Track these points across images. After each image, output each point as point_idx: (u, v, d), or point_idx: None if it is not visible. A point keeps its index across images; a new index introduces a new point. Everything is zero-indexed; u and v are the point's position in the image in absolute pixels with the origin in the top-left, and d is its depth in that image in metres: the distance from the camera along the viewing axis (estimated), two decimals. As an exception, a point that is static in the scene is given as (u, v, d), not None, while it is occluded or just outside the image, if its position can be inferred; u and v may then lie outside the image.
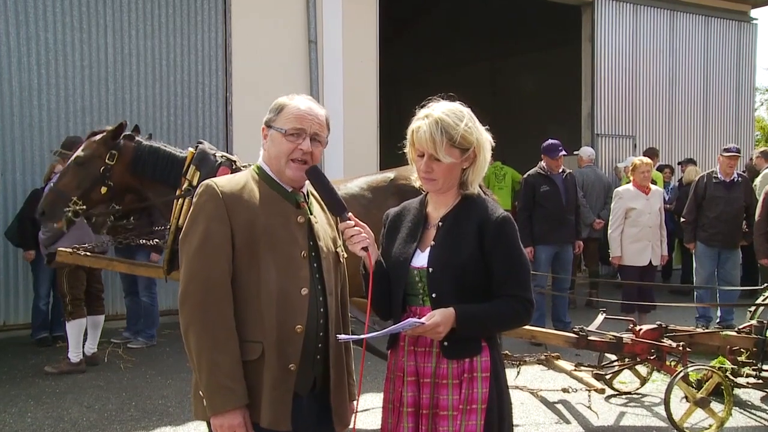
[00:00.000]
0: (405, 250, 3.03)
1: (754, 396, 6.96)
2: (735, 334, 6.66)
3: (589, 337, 6.37)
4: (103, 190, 6.10)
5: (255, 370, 2.82)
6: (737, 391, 6.62)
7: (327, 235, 3.08)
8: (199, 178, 5.54)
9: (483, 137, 2.99)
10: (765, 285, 8.24)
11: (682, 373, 5.93)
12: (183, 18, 10.54)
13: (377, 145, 11.99)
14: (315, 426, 3.02)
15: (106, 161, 6.07)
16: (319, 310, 2.96)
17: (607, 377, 6.92)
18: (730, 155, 9.62)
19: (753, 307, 7.23)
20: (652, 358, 6.34)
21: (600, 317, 6.96)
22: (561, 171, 9.63)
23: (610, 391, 6.97)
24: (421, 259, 2.99)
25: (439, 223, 3.02)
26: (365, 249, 2.91)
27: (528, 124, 17.51)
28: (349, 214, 2.96)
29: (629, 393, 7.13)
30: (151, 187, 6.13)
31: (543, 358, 6.87)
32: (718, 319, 9.52)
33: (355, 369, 3.25)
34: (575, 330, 6.47)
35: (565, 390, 6.43)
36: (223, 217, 2.84)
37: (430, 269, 2.94)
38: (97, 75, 9.98)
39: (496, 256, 2.91)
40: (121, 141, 6.15)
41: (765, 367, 6.33)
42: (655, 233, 9.27)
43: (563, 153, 9.62)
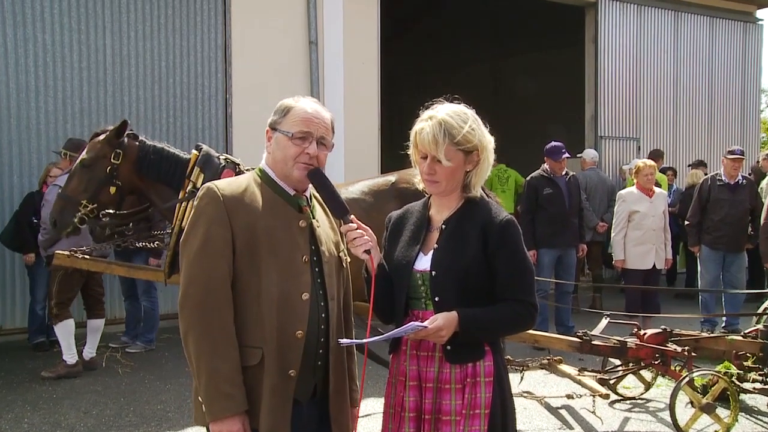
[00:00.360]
0: (408, 253, 3.02)
1: (760, 401, 6.90)
2: (741, 338, 6.65)
3: (592, 342, 6.34)
4: (112, 190, 6.03)
5: (254, 375, 2.80)
6: (743, 396, 6.55)
7: (329, 239, 3.06)
8: (203, 181, 5.48)
9: (486, 140, 2.99)
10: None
11: (687, 378, 5.89)
12: (182, 19, 10.48)
13: (378, 147, 11.96)
14: None
15: (112, 161, 6.00)
16: (320, 316, 2.94)
17: (611, 382, 6.87)
18: (734, 158, 9.64)
19: (759, 311, 7.18)
20: (656, 362, 6.30)
21: (604, 321, 6.93)
22: (564, 173, 9.61)
23: (614, 396, 6.92)
24: (423, 262, 2.97)
25: (442, 226, 3.01)
26: (367, 252, 2.91)
27: (530, 125, 17.46)
28: (352, 216, 2.96)
29: (634, 398, 7.08)
30: (154, 188, 6.08)
31: (546, 362, 6.83)
32: (724, 324, 9.51)
33: (357, 374, 3.22)
34: (579, 334, 6.44)
35: (569, 396, 6.40)
36: (224, 221, 2.82)
37: (433, 272, 2.92)
38: (96, 77, 9.92)
39: (500, 259, 2.90)
40: (125, 140, 6.10)
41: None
42: (659, 236, 9.21)
43: (566, 155, 9.59)
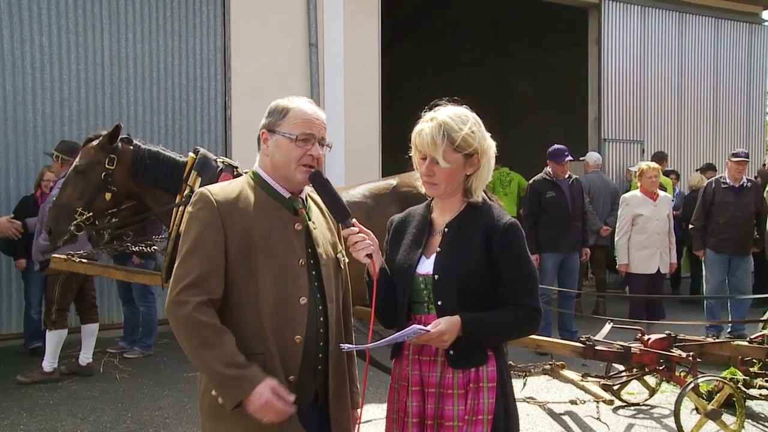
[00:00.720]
0: (410, 256, 3.01)
1: (767, 408, 6.85)
2: (747, 343, 6.61)
3: (596, 347, 6.32)
4: (107, 196, 5.98)
5: None
6: (749, 402, 6.52)
7: (327, 241, 3.04)
8: (201, 184, 5.44)
9: (487, 144, 2.98)
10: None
11: (693, 384, 5.86)
12: (181, 20, 10.43)
13: (379, 149, 11.92)
14: None
15: (107, 166, 5.95)
16: (319, 319, 2.91)
17: (615, 388, 6.85)
18: (738, 160, 9.62)
19: (765, 317, 7.16)
20: (661, 368, 6.27)
21: (607, 326, 6.91)
22: (567, 177, 9.55)
23: (618, 403, 6.90)
24: (426, 265, 2.96)
25: (445, 229, 2.99)
26: (369, 256, 2.90)
27: (533, 128, 17.45)
28: (353, 220, 2.94)
29: (638, 404, 7.04)
30: (151, 192, 6.02)
31: (549, 368, 6.81)
32: (729, 329, 9.46)
33: (358, 379, 3.20)
34: (582, 339, 6.42)
35: (573, 402, 6.36)
36: (217, 225, 2.80)
37: (436, 276, 2.91)
38: (93, 79, 9.86)
39: (503, 262, 2.88)
40: (119, 144, 6.04)
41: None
42: (663, 240, 9.16)
43: (569, 158, 9.55)
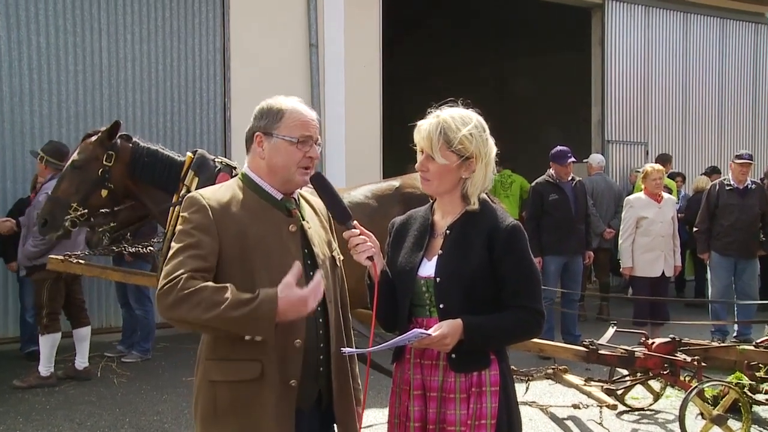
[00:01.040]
0: (411, 259, 3.00)
1: (773, 413, 6.84)
2: (753, 348, 6.53)
3: (599, 351, 6.30)
4: (103, 193, 5.93)
5: (255, 389, 2.77)
6: (756, 408, 6.46)
7: (322, 240, 3.02)
8: (198, 184, 5.42)
9: (485, 150, 2.96)
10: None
11: (698, 389, 5.81)
12: (180, 21, 10.36)
13: (380, 150, 11.85)
14: None
15: (104, 163, 5.91)
16: (318, 321, 2.91)
17: (619, 392, 6.80)
18: (741, 162, 9.59)
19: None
20: (665, 372, 6.22)
21: (611, 330, 6.87)
22: (570, 179, 9.50)
23: (622, 407, 6.82)
24: (428, 268, 2.95)
25: (447, 232, 2.98)
26: (370, 258, 2.89)
27: (535, 129, 17.38)
28: (354, 222, 2.93)
29: (642, 409, 6.98)
30: (147, 191, 5.98)
31: (551, 372, 6.77)
32: (735, 333, 9.40)
33: (358, 374, 3.19)
34: (585, 343, 6.40)
35: (576, 406, 6.34)
36: (211, 229, 2.78)
37: (438, 279, 2.90)
38: (92, 80, 9.79)
39: (506, 265, 2.88)
40: (118, 141, 5.99)
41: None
42: (667, 243, 9.07)
43: (572, 160, 9.49)
